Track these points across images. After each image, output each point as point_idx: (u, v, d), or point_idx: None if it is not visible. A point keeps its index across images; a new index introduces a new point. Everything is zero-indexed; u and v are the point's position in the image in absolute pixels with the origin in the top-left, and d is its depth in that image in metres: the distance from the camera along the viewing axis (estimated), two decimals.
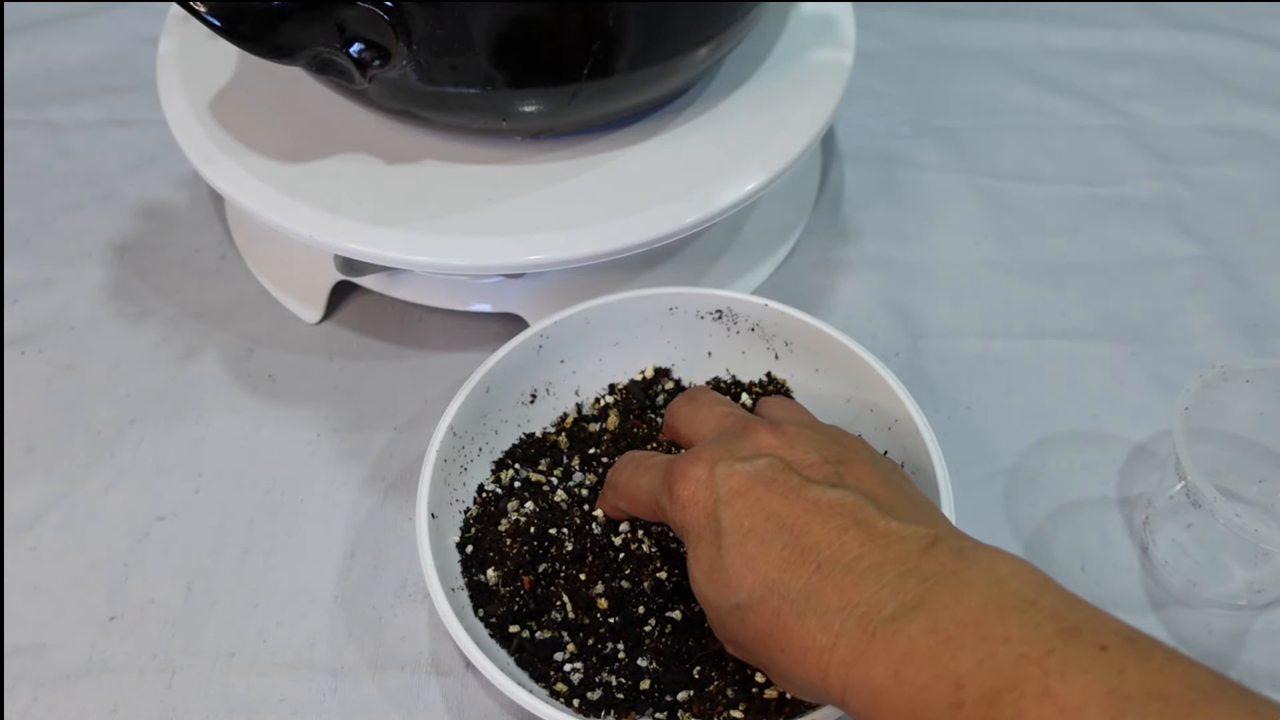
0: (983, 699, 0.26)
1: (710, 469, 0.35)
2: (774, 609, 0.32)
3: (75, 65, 0.69)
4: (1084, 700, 0.25)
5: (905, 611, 0.29)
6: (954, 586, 0.29)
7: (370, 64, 0.43)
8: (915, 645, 0.28)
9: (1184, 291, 0.57)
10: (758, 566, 0.32)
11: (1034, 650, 0.27)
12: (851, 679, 0.29)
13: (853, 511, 0.33)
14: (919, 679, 0.28)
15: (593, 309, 0.47)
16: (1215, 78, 0.70)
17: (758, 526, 0.33)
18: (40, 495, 0.48)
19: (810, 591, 0.31)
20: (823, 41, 0.55)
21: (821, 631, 0.30)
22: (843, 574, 0.31)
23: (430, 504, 0.41)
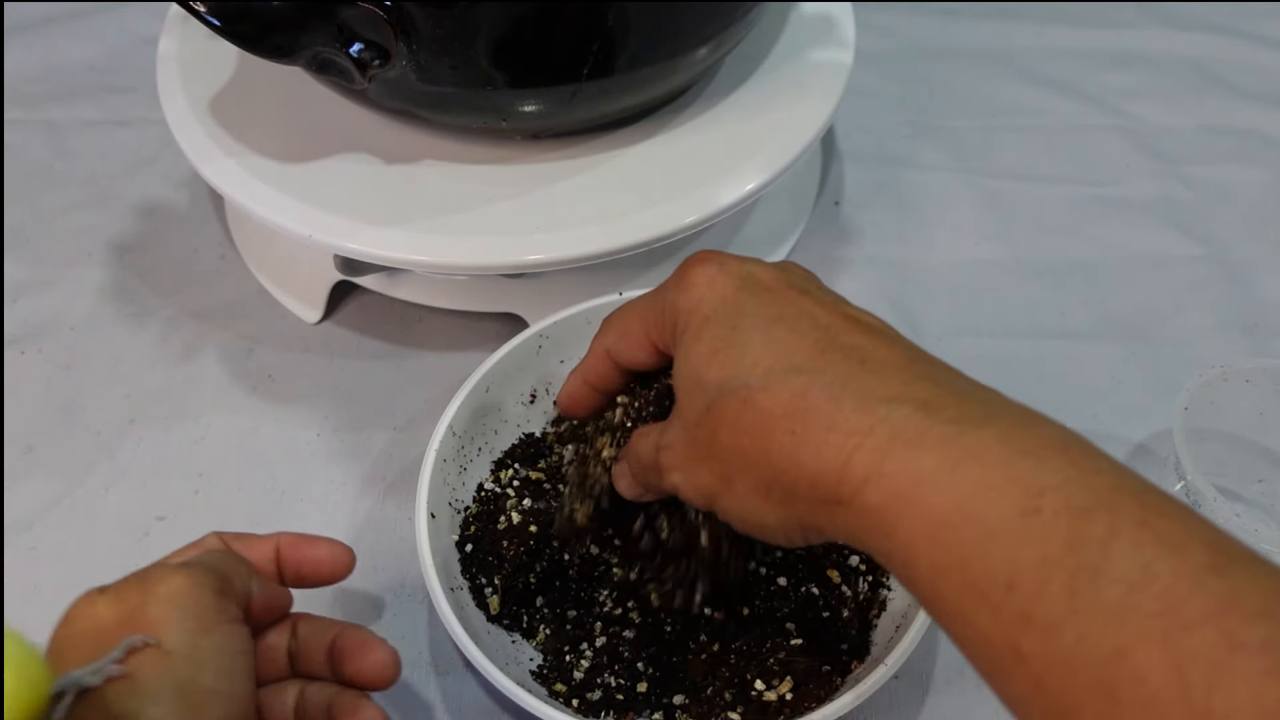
0: (1067, 511, 0.24)
1: (738, 262, 0.32)
2: (797, 388, 0.28)
3: (75, 65, 0.69)
4: (1186, 541, 0.23)
5: (972, 419, 0.26)
6: (1020, 415, 0.27)
7: (370, 64, 0.43)
8: (984, 448, 0.25)
9: (1184, 291, 0.57)
10: (784, 349, 0.29)
11: (1129, 486, 0.24)
12: (886, 466, 0.26)
13: (895, 335, 0.30)
14: (985, 477, 0.25)
15: (593, 309, 0.47)
16: (1215, 78, 0.70)
17: (788, 317, 0.30)
18: (40, 495, 0.48)
19: (850, 377, 0.28)
20: (822, 41, 0.55)
21: (859, 413, 0.27)
22: (891, 372, 0.28)
23: (430, 504, 0.41)
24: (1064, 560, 0.23)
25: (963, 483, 0.25)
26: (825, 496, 0.27)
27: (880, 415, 0.27)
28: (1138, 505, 0.24)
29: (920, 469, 0.26)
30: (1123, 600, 0.22)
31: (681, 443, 0.31)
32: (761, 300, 0.30)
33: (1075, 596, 0.23)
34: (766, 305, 0.30)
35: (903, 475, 0.26)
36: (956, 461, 0.25)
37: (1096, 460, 0.25)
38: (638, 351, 0.35)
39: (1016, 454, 0.25)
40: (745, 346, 0.29)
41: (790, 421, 0.28)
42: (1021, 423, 0.26)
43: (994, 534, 0.24)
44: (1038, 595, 0.23)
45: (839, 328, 0.30)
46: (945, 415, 0.26)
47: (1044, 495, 0.24)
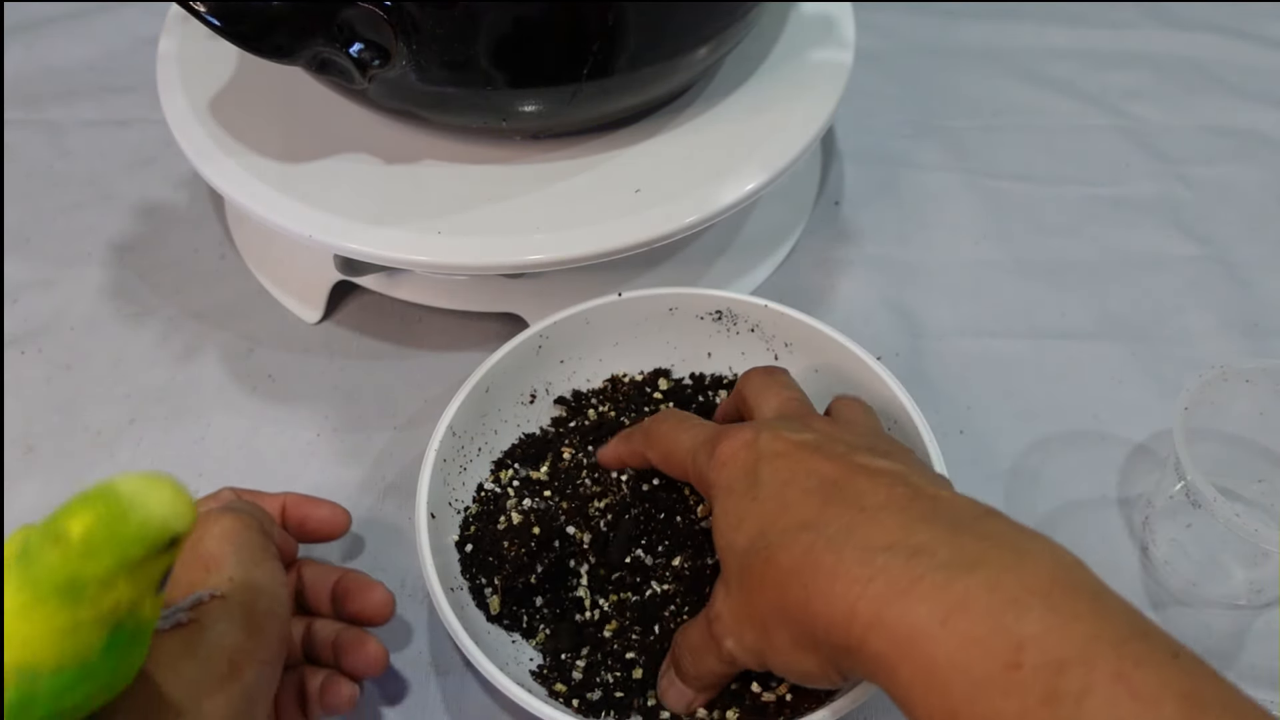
0: (1046, 666, 0.25)
1: (757, 433, 0.35)
2: (807, 544, 0.30)
3: (75, 65, 0.69)
4: (1160, 694, 0.24)
5: (963, 563, 0.28)
6: (1016, 553, 0.28)
7: (370, 64, 0.43)
8: (973, 598, 0.27)
9: (1184, 291, 0.57)
10: (794, 509, 0.32)
11: (1107, 634, 0.26)
12: (886, 615, 0.28)
13: (901, 475, 0.32)
14: (972, 631, 0.26)
15: (592, 309, 0.47)
16: (1215, 78, 0.70)
17: (798, 479, 0.33)
18: (40, 495, 0.48)
19: (851, 528, 0.30)
20: (822, 41, 0.55)
21: (859, 565, 0.29)
22: (889, 517, 0.30)
23: (429, 504, 0.41)
24: (1041, 712, 0.25)
25: (952, 636, 0.27)
26: (839, 643, 0.29)
27: (879, 565, 0.29)
28: (1115, 656, 0.25)
29: (915, 621, 0.27)
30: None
31: (727, 609, 0.34)
32: (774, 466, 0.34)
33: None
34: (778, 470, 0.33)
35: (899, 625, 0.28)
36: (946, 613, 0.27)
37: (1079, 603, 0.27)
38: (678, 475, 0.39)
39: (1001, 604, 0.27)
40: (764, 511, 0.33)
41: (802, 575, 0.30)
42: (1011, 563, 0.28)
43: (980, 686, 0.26)
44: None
45: (844, 480, 0.32)
46: (938, 560, 0.28)
47: (1025, 649, 0.26)
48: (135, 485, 0.26)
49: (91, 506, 0.26)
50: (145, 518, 0.26)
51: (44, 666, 0.26)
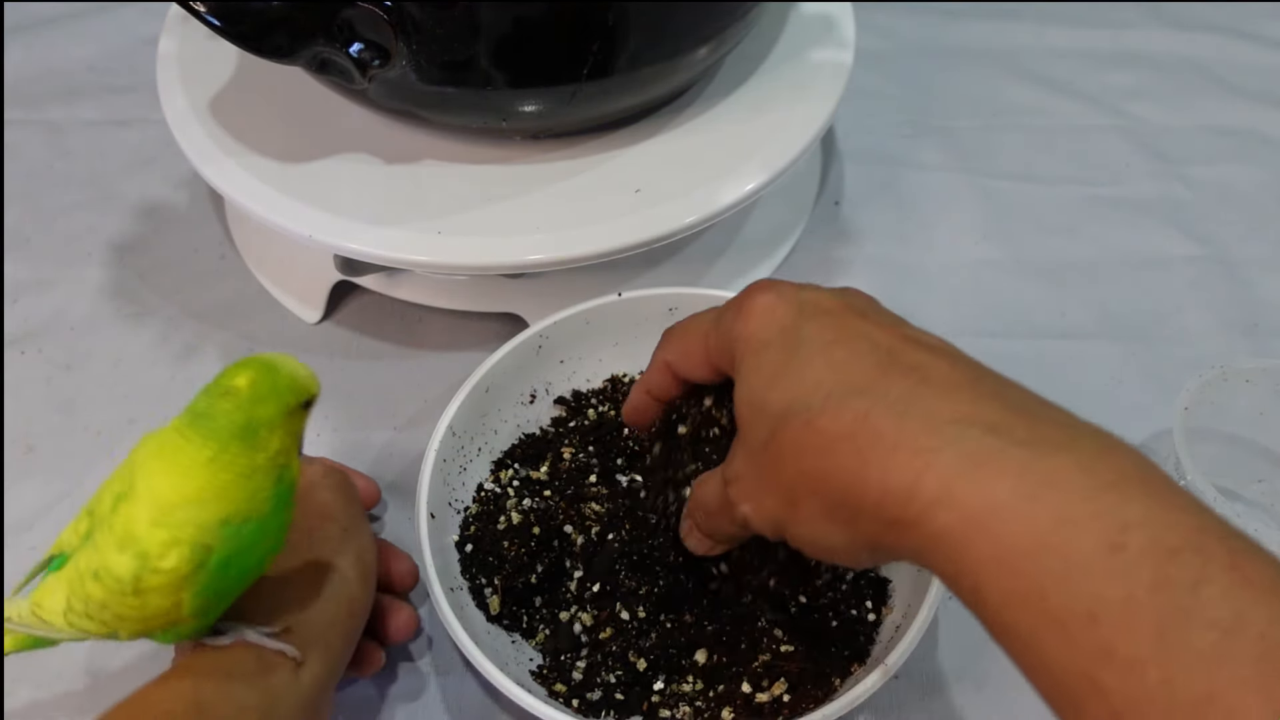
0: (1155, 549, 0.23)
1: (795, 289, 0.32)
2: (860, 410, 0.28)
3: (75, 65, 0.69)
4: (1276, 585, 0.23)
5: (1048, 444, 0.26)
6: (1099, 442, 0.26)
7: (370, 64, 0.43)
8: (1065, 477, 0.25)
9: (1184, 291, 0.57)
10: (844, 371, 0.29)
11: (1212, 526, 0.24)
12: (959, 489, 0.26)
13: (960, 355, 0.30)
14: (1066, 509, 0.24)
15: (592, 309, 0.47)
16: (1215, 78, 0.70)
17: (846, 339, 0.30)
18: (40, 495, 0.48)
19: (914, 397, 0.28)
20: (822, 41, 0.55)
21: (927, 434, 0.27)
22: (956, 391, 0.28)
23: (429, 504, 0.41)
24: (1152, 600, 0.23)
25: (1042, 513, 0.25)
26: (892, 517, 0.27)
27: (949, 436, 0.26)
28: (1225, 549, 0.24)
29: (994, 495, 0.25)
30: (1216, 645, 0.22)
31: (748, 472, 0.31)
32: (819, 324, 0.31)
33: (1164, 637, 0.23)
34: (824, 329, 0.30)
35: (975, 500, 0.25)
36: (1033, 490, 0.25)
37: (1179, 496, 0.25)
38: (698, 369, 0.35)
39: (1097, 485, 0.25)
40: (805, 371, 0.30)
41: (855, 442, 0.28)
42: (1099, 450, 0.26)
43: (1076, 568, 0.24)
44: (1123, 632, 0.23)
45: (899, 348, 0.30)
46: (1017, 437, 0.26)
47: (1129, 531, 0.24)
48: (273, 355, 0.32)
49: (248, 367, 0.31)
50: (291, 373, 0.32)
51: (237, 517, 0.31)
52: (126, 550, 0.31)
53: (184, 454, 0.31)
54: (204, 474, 0.30)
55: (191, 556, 0.30)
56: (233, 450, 0.31)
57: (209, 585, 0.31)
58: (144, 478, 0.31)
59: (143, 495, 0.31)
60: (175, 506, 0.30)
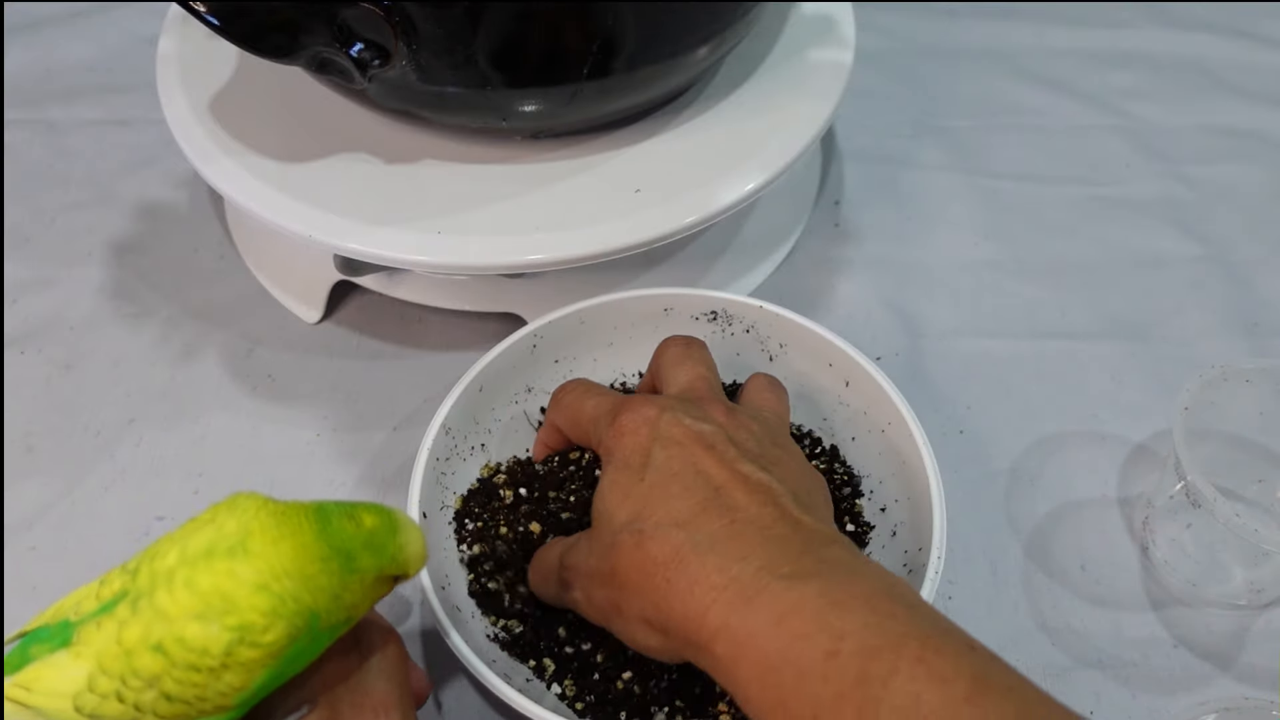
0: (860, 652, 0.29)
1: (659, 412, 0.37)
2: (676, 543, 0.33)
3: (75, 65, 0.69)
4: (953, 674, 0.28)
5: (801, 576, 0.31)
6: (849, 572, 0.32)
7: (370, 64, 0.43)
8: (805, 602, 0.30)
9: (1184, 291, 0.57)
10: (674, 505, 0.34)
11: (914, 630, 0.29)
12: (730, 621, 0.31)
13: (775, 495, 0.35)
14: (801, 629, 0.30)
15: (587, 309, 0.47)
16: (1215, 78, 0.70)
17: (685, 474, 0.35)
18: (40, 495, 0.48)
19: (717, 538, 0.33)
20: (823, 41, 0.55)
21: (717, 572, 0.32)
22: (753, 534, 0.33)
23: (422, 503, 0.41)
24: (854, 694, 0.28)
25: (783, 634, 0.30)
26: (689, 639, 0.32)
27: (733, 574, 0.32)
28: (919, 645, 0.29)
29: (754, 624, 0.30)
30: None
31: (585, 566, 0.36)
32: (669, 454, 0.36)
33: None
34: (670, 460, 0.36)
35: (741, 629, 0.31)
36: (781, 616, 0.30)
37: (896, 607, 0.30)
38: (581, 440, 0.42)
39: (828, 606, 0.30)
40: (647, 496, 0.35)
41: (668, 570, 0.33)
42: (843, 579, 0.31)
43: (804, 675, 0.29)
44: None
45: (728, 488, 0.34)
46: (782, 572, 0.31)
47: (844, 639, 0.29)
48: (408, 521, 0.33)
49: (378, 513, 0.32)
50: (404, 543, 0.32)
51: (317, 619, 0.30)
52: (214, 620, 0.28)
53: (305, 533, 0.30)
54: (316, 561, 0.30)
55: (291, 632, 0.29)
56: (335, 563, 0.30)
57: (281, 671, 0.30)
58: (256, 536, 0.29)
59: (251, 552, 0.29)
60: (288, 575, 0.29)
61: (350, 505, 0.31)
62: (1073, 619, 0.45)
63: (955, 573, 0.46)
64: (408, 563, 0.32)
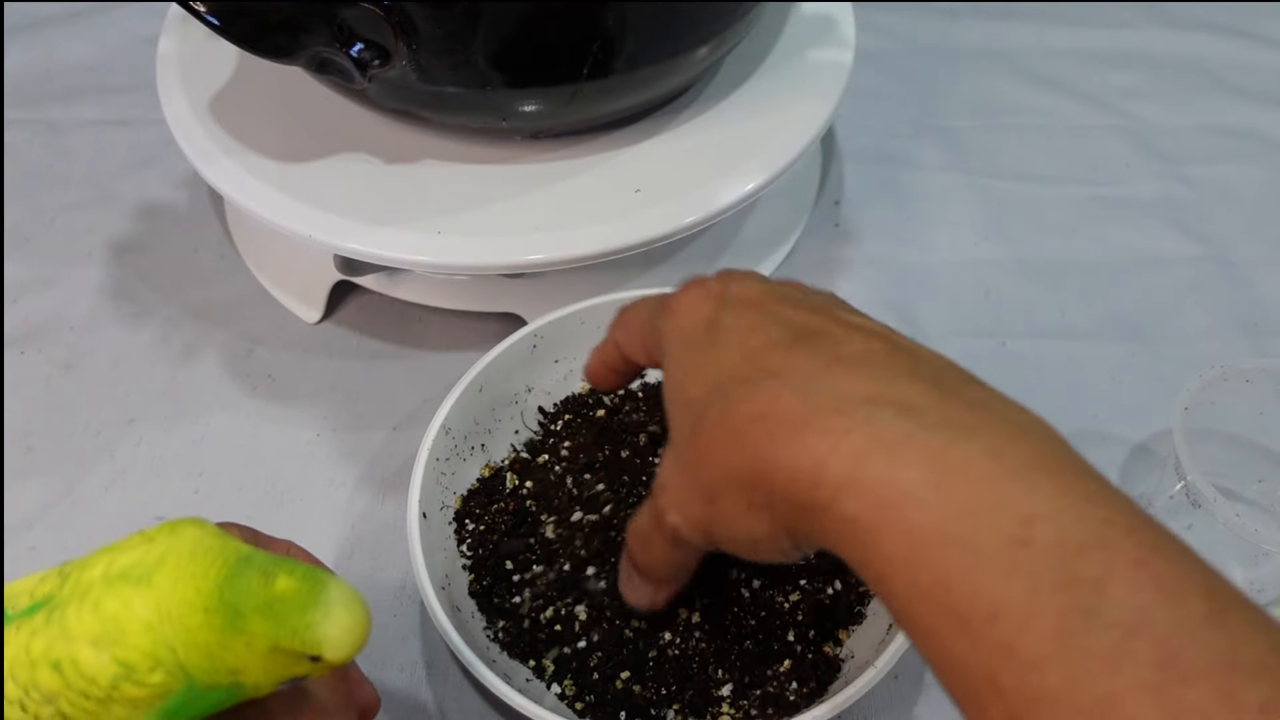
0: (1060, 545, 0.23)
1: (724, 281, 0.32)
2: (772, 391, 0.27)
3: (75, 65, 0.69)
4: (1183, 586, 0.22)
5: (959, 428, 0.25)
6: (1016, 426, 0.26)
7: (370, 64, 0.43)
8: (973, 465, 0.24)
9: (1184, 291, 0.57)
10: (759, 357, 0.29)
11: (1121, 520, 0.24)
12: (866, 474, 0.25)
13: (882, 330, 0.30)
14: (972, 501, 0.24)
15: (587, 309, 0.47)
16: (1215, 78, 0.70)
17: (763, 326, 0.30)
18: (40, 495, 0.48)
19: (823, 375, 0.27)
20: (823, 41, 0.55)
21: (835, 414, 0.26)
22: (870, 369, 0.27)
23: (422, 503, 0.41)
24: (1055, 598, 0.22)
25: (948, 503, 0.24)
26: (802, 501, 0.26)
27: (859, 417, 0.26)
28: (1133, 543, 0.23)
29: (901, 483, 0.25)
30: (1116, 646, 0.22)
31: (674, 476, 0.31)
32: (738, 314, 0.30)
33: (1065, 636, 0.22)
34: (742, 317, 0.30)
35: (882, 487, 0.25)
36: (941, 479, 0.24)
37: (1089, 484, 0.24)
38: (637, 353, 0.36)
39: (1006, 475, 0.24)
40: (722, 359, 0.29)
41: (766, 423, 0.27)
42: (1012, 434, 0.25)
43: (980, 562, 0.23)
44: (1024, 630, 0.22)
45: (816, 327, 0.29)
46: (929, 421, 0.25)
47: (1034, 525, 0.23)
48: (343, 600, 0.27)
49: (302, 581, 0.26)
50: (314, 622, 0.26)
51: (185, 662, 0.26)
52: (106, 649, 0.26)
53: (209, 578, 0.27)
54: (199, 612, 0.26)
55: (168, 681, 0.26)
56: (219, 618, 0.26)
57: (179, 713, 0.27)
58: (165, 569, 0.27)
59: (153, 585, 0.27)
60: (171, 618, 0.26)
61: (283, 563, 0.27)
62: None
63: None
64: (319, 643, 0.26)
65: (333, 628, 0.26)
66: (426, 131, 0.50)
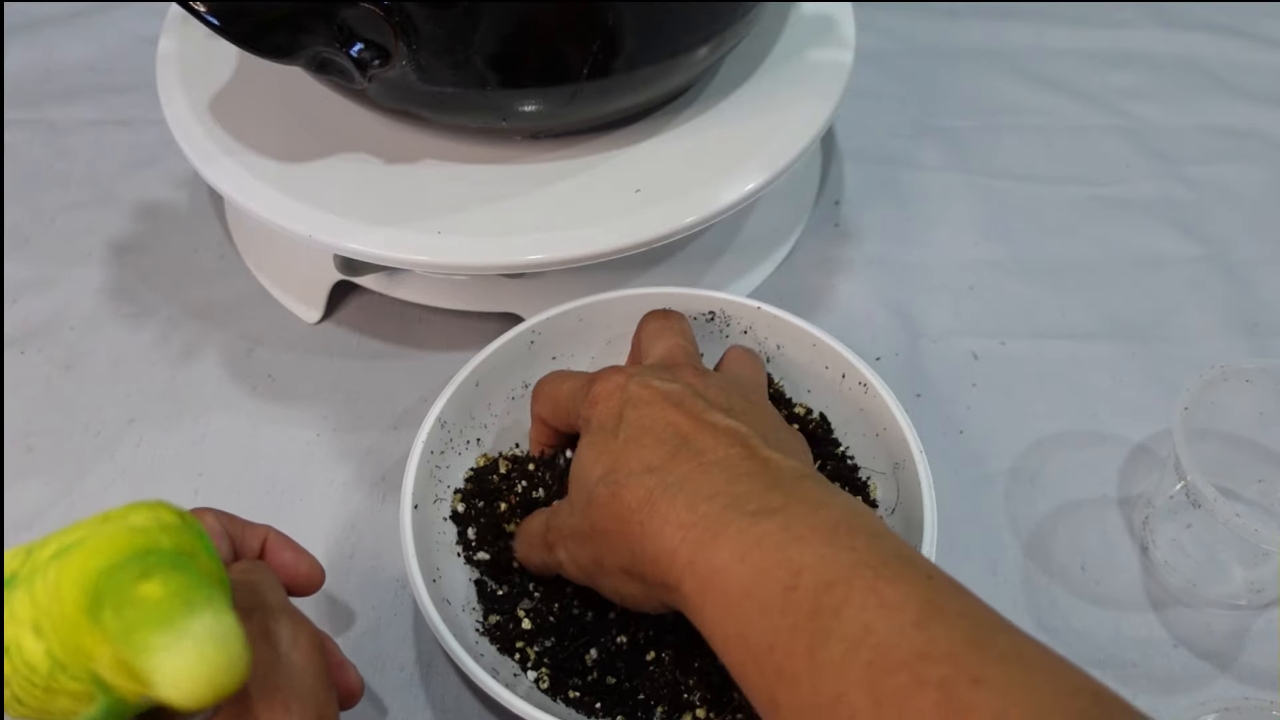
0: (816, 586, 0.29)
1: (628, 378, 0.38)
2: (649, 487, 0.34)
3: (75, 65, 0.69)
4: (904, 601, 0.28)
5: (766, 511, 0.32)
6: (813, 505, 0.32)
7: (370, 64, 0.43)
8: (767, 537, 0.31)
9: (1184, 291, 0.57)
10: (646, 455, 0.35)
11: (871, 560, 0.30)
12: (698, 557, 0.32)
13: (742, 437, 0.36)
14: (762, 563, 0.30)
15: (585, 306, 0.47)
16: (1215, 78, 0.70)
17: (655, 428, 0.36)
18: (40, 495, 0.48)
19: (686, 479, 0.34)
20: (823, 41, 0.55)
21: (687, 511, 0.33)
22: (719, 473, 0.34)
23: (416, 495, 0.41)
24: (807, 625, 0.29)
25: (746, 569, 0.31)
26: (662, 580, 0.33)
27: (701, 512, 0.32)
28: (873, 575, 0.29)
29: (718, 561, 0.31)
30: (844, 654, 0.28)
31: (568, 526, 0.38)
32: (639, 413, 0.37)
33: (813, 653, 0.28)
34: (641, 418, 0.37)
35: (706, 566, 0.32)
36: (745, 551, 0.31)
37: (856, 539, 0.31)
38: (563, 423, 0.42)
39: (790, 540, 0.31)
40: (621, 451, 0.36)
41: (640, 514, 0.34)
42: (810, 510, 0.32)
43: (765, 609, 0.30)
44: (788, 654, 0.29)
45: (696, 435, 0.35)
46: (748, 509, 0.32)
47: (801, 574, 0.30)
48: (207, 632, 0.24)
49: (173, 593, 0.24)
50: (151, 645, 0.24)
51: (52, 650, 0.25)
52: (42, 637, 0.25)
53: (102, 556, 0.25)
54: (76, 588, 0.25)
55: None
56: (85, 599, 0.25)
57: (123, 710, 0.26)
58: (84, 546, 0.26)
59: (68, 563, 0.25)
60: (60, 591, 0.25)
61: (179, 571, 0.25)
62: (1073, 619, 0.45)
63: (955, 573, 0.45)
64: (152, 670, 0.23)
65: (174, 661, 0.23)
66: (426, 131, 0.50)
